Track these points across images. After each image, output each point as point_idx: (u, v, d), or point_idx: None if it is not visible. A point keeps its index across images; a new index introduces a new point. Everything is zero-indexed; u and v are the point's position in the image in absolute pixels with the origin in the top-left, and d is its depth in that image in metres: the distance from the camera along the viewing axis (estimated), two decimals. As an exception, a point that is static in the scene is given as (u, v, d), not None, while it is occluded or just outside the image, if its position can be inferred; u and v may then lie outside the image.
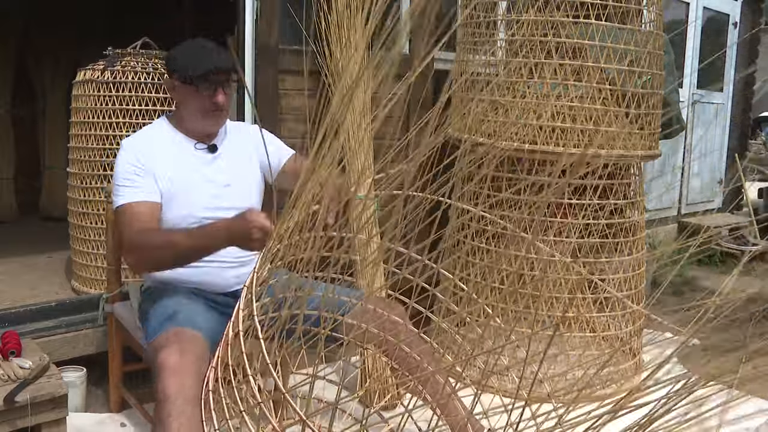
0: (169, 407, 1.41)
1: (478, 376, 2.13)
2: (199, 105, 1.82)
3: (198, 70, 1.77)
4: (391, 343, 1.65)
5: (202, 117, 1.84)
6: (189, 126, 1.88)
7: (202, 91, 1.79)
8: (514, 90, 2.45)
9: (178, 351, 1.50)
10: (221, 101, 1.82)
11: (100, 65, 2.58)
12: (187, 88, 1.81)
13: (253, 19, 2.64)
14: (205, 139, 1.90)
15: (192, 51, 1.83)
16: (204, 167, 1.87)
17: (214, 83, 1.79)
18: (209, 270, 1.84)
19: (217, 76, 1.79)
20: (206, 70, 1.77)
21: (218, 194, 1.85)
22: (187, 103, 1.84)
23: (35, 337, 2.23)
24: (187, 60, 1.80)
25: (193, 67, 1.78)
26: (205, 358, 1.53)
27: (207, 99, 1.81)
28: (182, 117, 1.88)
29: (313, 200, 1.27)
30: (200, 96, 1.80)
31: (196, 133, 1.89)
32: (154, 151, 1.82)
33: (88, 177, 2.63)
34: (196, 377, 1.46)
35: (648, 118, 2.49)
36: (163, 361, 1.48)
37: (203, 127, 1.87)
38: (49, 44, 4.23)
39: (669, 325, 1.07)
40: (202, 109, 1.82)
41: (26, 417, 1.83)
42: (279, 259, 1.29)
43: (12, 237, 3.75)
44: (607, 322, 2.59)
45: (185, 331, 1.61)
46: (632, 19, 2.44)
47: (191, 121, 1.86)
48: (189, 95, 1.82)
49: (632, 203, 2.60)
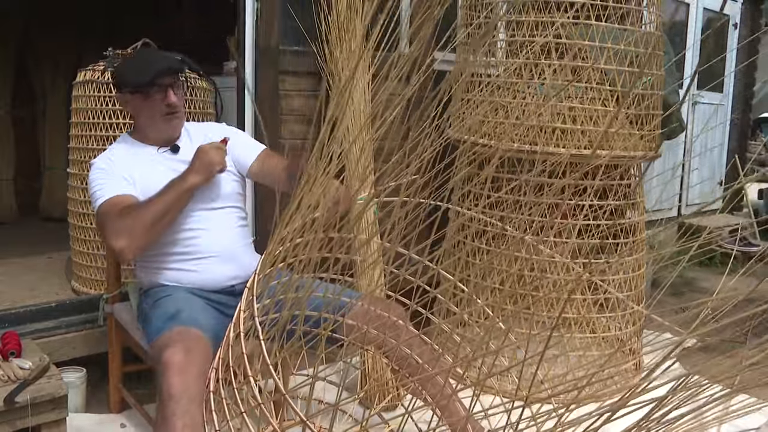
0: (174, 406, 1.41)
1: (478, 377, 2.13)
2: (154, 110, 1.88)
3: (145, 78, 1.84)
4: (391, 344, 1.65)
5: (160, 121, 1.90)
6: (150, 134, 1.94)
7: (153, 96, 1.86)
8: (515, 91, 2.45)
9: (183, 349, 1.51)
10: (174, 101, 1.88)
11: (100, 66, 2.57)
12: (138, 97, 1.88)
13: (253, 19, 2.64)
14: (166, 144, 1.95)
15: (136, 62, 1.94)
16: (169, 167, 1.89)
17: (162, 87, 1.86)
18: (203, 267, 1.86)
19: (163, 78, 1.86)
20: (152, 75, 1.84)
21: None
22: (142, 112, 1.91)
23: (35, 337, 2.24)
24: (133, 71, 1.88)
25: (140, 76, 1.85)
26: (208, 358, 1.53)
27: (159, 102, 1.87)
28: (141, 127, 1.95)
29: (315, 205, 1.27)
30: (152, 101, 1.87)
31: (159, 140, 1.94)
32: (118, 164, 1.88)
33: (87, 178, 2.62)
34: (201, 376, 1.46)
35: (648, 119, 2.50)
36: (168, 360, 1.48)
37: (163, 130, 1.93)
38: (49, 45, 4.23)
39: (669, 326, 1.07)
40: (157, 114, 1.89)
41: (26, 417, 1.83)
42: (280, 261, 1.29)
43: (12, 238, 3.75)
44: (608, 323, 2.59)
45: (189, 330, 1.61)
46: (632, 20, 2.44)
47: (150, 128, 1.93)
48: (142, 104, 1.89)
49: (632, 204, 2.61)
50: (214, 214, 1.90)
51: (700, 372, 0.77)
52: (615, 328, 2.59)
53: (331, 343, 1.54)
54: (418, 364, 1.67)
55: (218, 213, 1.91)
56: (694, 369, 0.76)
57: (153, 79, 1.84)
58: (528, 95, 2.42)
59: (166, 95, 1.87)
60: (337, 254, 1.23)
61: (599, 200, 2.45)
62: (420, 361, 1.67)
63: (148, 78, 1.84)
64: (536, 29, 2.38)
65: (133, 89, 1.87)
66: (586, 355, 2.48)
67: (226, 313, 1.80)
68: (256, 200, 2.68)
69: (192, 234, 1.87)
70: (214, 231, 1.89)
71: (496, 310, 2.17)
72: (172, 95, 1.88)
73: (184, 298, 1.78)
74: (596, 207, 2.47)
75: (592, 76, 2.34)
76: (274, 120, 2.73)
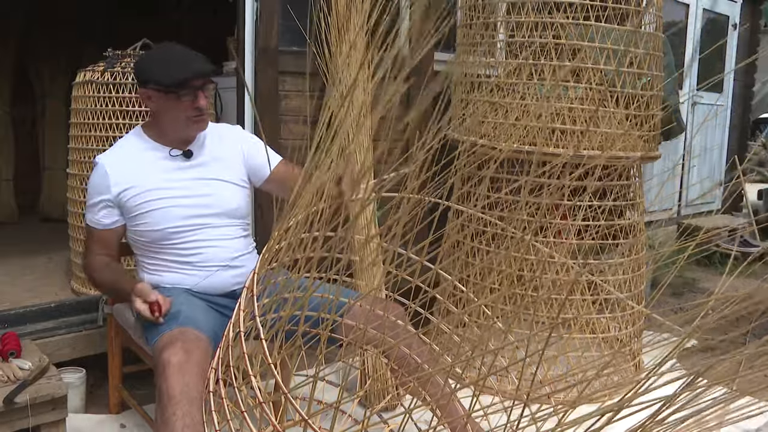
0: (174, 407, 1.41)
1: (477, 377, 2.13)
2: (181, 112, 1.80)
3: (177, 78, 1.75)
4: (391, 343, 1.65)
5: (185, 124, 1.83)
6: (170, 134, 1.86)
7: (182, 98, 1.78)
8: (514, 91, 2.45)
9: (183, 350, 1.51)
10: (203, 105, 1.81)
11: (99, 66, 2.58)
12: (165, 96, 1.78)
13: (253, 20, 2.64)
14: (181, 145, 1.88)
15: (166, 58, 1.81)
16: (180, 175, 1.86)
17: (194, 89, 1.78)
18: (206, 274, 1.85)
19: (196, 81, 1.78)
20: (185, 77, 1.76)
21: (196, 203, 1.85)
22: (167, 112, 1.81)
23: (35, 338, 2.23)
24: (163, 68, 1.78)
25: (171, 75, 1.76)
26: (208, 358, 1.53)
27: (188, 105, 1.79)
28: (160, 125, 1.86)
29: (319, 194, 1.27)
30: (181, 103, 1.79)
31: (176, 140, 1.87)
32: (125, 170, 1.83)
33: (87, 178, 2.62)
34: (200, 377, 1.46)
35: (647, 119, 2.50)
36: (167, 360, 1.48)
37: (186, 132, 1.86)
38: (49, 45, 4.23)
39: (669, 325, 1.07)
40: (185, 117, 1.81)
41: (26, 418, 1.83)
42: (277, 260, 1.29)
43: (12, 238, 3.75)
44: (607, 324, 2.59)
45: (189, 331, 1.61)
46: (631, 21, 2.44)
47: (173, 129, 1.85)
48: (168, 104, 1.79)
49: (632, 204, 2.60)
50: (222, 230, 1.88)
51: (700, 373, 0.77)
52: (615, 329, 2.59)
53: (330, 343, 1.54)
54: (417, 363, 1.67)
55: (226, 228, 1.89)
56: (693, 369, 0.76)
57: (187, 81, 1.76)
58: (528, 96, 2.41)
59: (196, 98, 1.79)
60: (336, 254, 1.23)
61: (598, 200, 2.45)
62: (419, 360, 1.67)
63: (181, 79, 1.75)
64: (535, 30, 2.38)
65: (161, 87, 1.77)
66: (585, 356, 2.48)
67: (227, 315, 1.80)
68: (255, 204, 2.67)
69: (197, 246, 1.85)
70: (220, 243, 1.87)
71: (495, 309, 2.17)
72: (203, 99, 1.80)
73: (185, 299, 1.78)
74: (595, 207, 2.47)
75: (592, 77, 2.34)
76: (274, 120, 2.73)
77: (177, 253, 1.85)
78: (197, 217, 1.85)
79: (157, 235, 1.83)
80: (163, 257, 1.87)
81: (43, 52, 4.26)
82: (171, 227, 1.83)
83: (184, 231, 1.84)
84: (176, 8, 4.60)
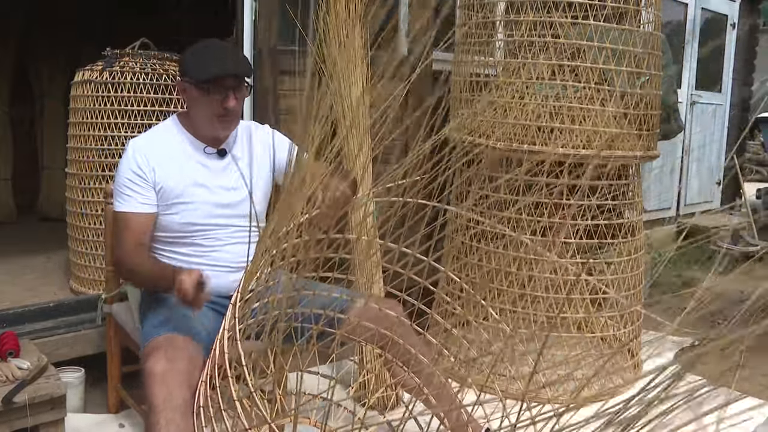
0: (158, 416, 1.42)
1: (479, 377, 2.13)
2: (209, 109, 1.77)
3: (209, 74, 1.73)
4: (391, 343, 1.65)
5: (211, 121, 1.80)
6: (200, 129, 1.84)
7: (212, 95, 1.75)
8: (513, 91, 2.45)
9: (165, 359, 1.50)
10: (232, 106, 1.76)
11: (98, 66, 2.57)
12: (197, 91, 1.76)
13: (252, 20, 2.64)
14: (214, 142, 1.86)
15: (205, 53, 1.78)
16: (212, 175, 1.84)
17: (225, 88, 1.75)
18: (213, 274, 1.84)
19: (228, 80, 1.75)
20: (217, 74, 1.73)
21: (226, 203, 1.84)
22: (197, 106, 1.79)
23: (34, 337, 2.23)
24: (200, 63, 1.75)
25: (205, 71, 1.73)
26: (196, 364, 1.53)
27: (217, 104, 1.76)
28: (193, 119, 1.84)
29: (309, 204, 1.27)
30: (210, 100, 1.75)
31: (206, 137, 1.85)
32: (159, 156, 1.80)
33: (86, 177, 2.62)
34: (185, 385, 1.46)
35: (646, 119, 2.50)
36: (150, 369, 1.49)
37: (212, 131, 1.83)
38: (48, 45, 4.23)
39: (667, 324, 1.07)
40: (211, 114, 1.78)
41: (24, 418, 1.82)
42: (273, 261, 1.29)
43: (10, 238, 3.74)
44: (606, 323, 2.59)
45: (176, 338, 1.60)
46: (630, 20, 2.44)
47: (201, 124, 1.83)
48: (199, 99, 1.77)
49: (630, 204, 2.61)
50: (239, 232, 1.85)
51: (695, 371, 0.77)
52: (613, 329, 2.59)
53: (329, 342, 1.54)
54: (415, 361, 1.68)
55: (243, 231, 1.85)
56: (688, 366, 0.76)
57: (217, 79, 1.73)
58: (526, 95, 2.41)
59: (226, 98, 1.75)
60: (330, 254, 1.23)
61: (597, 200, 2.45)
62: (416, 353, 1.67)
63: (212, 76, 1.72)
64: (534, 29, 2.38)
65: (193, 81, 1.75)
66: (584, 355, 2.48)
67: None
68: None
69: (214, 244, 1.84)
70: (232, 245, 1.85)
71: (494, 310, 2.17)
72: (232, 99, 1.75)
73: None
74: (594, 206, 2.47)
75: (591, 76, 2.34)
76: (274, 120, 2.73)
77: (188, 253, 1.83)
78: (221, 217, 1.83)
79: (178, 227, 1.81)
80: (172, 255, 1.84)
81: (43, 51, 4.25)
82: (196, 223, 1.81)
83: (206, 229, 1.82)
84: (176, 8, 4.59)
